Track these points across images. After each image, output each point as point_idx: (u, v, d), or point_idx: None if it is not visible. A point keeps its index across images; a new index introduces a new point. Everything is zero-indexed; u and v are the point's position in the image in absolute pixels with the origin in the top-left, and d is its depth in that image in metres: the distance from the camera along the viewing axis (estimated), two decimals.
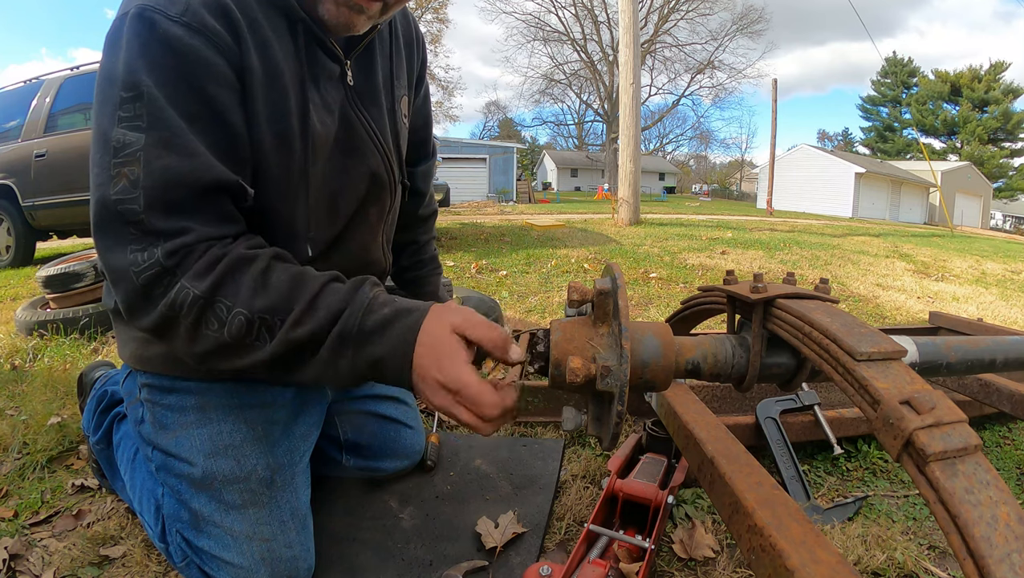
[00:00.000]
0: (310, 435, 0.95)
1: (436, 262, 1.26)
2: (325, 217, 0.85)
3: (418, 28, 1.06)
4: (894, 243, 7.36)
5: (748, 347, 0.69)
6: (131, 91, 0.63)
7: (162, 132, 0.63)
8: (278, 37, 0.73)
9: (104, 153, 0.63)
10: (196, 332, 0.64)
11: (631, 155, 8.58)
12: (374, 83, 0.90)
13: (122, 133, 0.63)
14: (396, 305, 0.65)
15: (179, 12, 0.64)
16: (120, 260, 0.63)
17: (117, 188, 0.62)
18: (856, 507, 1.12)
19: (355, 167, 0.87)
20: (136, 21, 0.63)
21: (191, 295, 0.63)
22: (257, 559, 0.81)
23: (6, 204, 4.68)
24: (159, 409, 0.86)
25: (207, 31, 0.65)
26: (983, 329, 1.68)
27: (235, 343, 0.64)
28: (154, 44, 0.63)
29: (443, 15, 21.83)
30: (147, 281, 0.63)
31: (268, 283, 0.65)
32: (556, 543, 1.01)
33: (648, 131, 37.01)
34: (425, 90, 1.13)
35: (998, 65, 33.62)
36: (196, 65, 0.65)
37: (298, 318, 0.63)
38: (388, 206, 0.97)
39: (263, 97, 0.72)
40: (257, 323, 0.63)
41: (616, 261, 4.25)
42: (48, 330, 2.24)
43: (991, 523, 0.42)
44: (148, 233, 0.63)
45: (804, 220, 14.39)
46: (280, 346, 0.64)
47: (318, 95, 0.80)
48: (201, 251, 0.64)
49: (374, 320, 0.64)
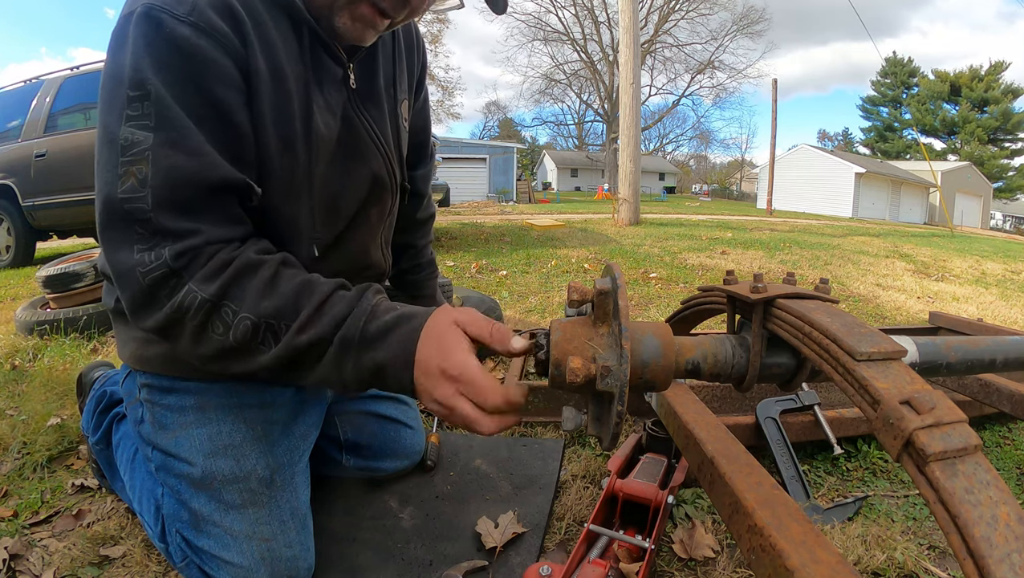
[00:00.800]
0: (310, 435, 0.95)
1: (433, 266, 1.27)
2: (327, 218, 0.85)
3: (419, 33, 1.06)
4: (894, 243, 7.37)
5: (748, 347, 0.69)
6: (138, 90, 0.63)
7: (170, 131, 0.63)
8: (283, 39, 0.74)
9: (111, 152, 0.63)
10: (201, 335, 0.64)
11: (631, 155, 8.58)
12: (376, 86, 0.90)
13: (130, 132, 0.63)
14: (398, 312, 0.66)
15: (186, 12, 0.64)
16: (127, 259, 0.63)
17: (125, 187, 0.62)
18: (856, 507, 1.12)
19: (357, 169, 0.87)
20: (143, 20, 0.63)
21: (198, 298, 0.63)
22: (257, 559, 0.81)
23: (6, 204, 4.68)
24: (158, 409, 0.86)
25: (214, 31, 0.65)
26: (983, 329, 1.68)
27: (240, 347, 0.64)
28: (161, 43, 0.63)
29: (443, 16, 21.83)
30: (153, 282, 0.63)
31: (276, 289, 0.65)
32: (556, 543, 1.01)
33: (648, 131, 37.08)
34: (425, 94, 1.14)
35: (998, 65, 33.63)
36: (203, 65, 0.65)
37: (303, 324, 0.64)
38: (389, 208, 0.98)
39: (268, 99, 0.72)
40: (263, 328, 0.64)
41: (616, 261, 4.25)
42: (48, 330, 2.24)
43: (991, 523, 0.42)
44: (156, 233, 0.63)
45: (804, 220, 14.40)
46: (284, 350, 0.64)
47: (322, 97, 0.80)
48: (209, 254, 0.65)
49: (376, 326, 0.64)
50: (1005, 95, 33.01)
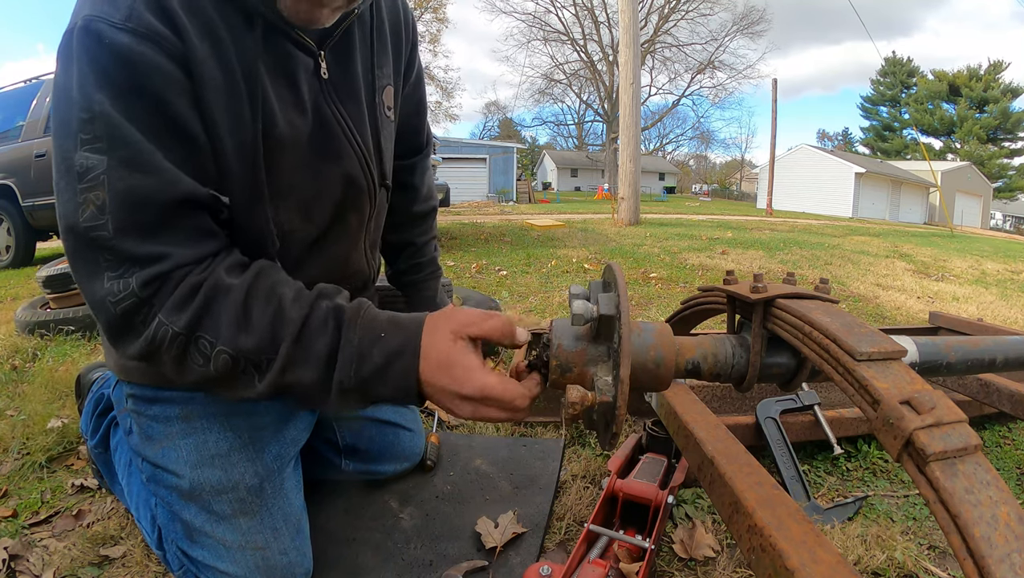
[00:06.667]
0: (300, 440, 0.93)
1: (435, 265, 1.19)
2: (299, 227, 0.80)
3: (407, 7, 0.97)
4: (894, 243, 7.36)
5: (748, 347, 0.69)
6: (87, 112, 0.59)
7: (122, 152, 0.60)
8: (233, 35, 0.68)
9: (69, 179, 0.60)
10: (182, 366, 0.63)
11: (631, 155, 8.58)
12: (352, 75, 0.82)
13: (84, 157, 0.59)
14: (386, 345, 0.62)
15: (123, 18, 0.60)
16: (97, 289, 0.61)
17: (86, 215, 0.59)
18: (856, 507, 1.12)
19: (329, 170, 0.81)
20: (83, 34, 0.60)
21: (170, 332, 0.61)
22: (252, 568, 0.80)
23: (6, 204, 4.68)
24: (144, 420, 0.84)
25: (155, 35, 0.61)
26: (983, 329, 1.68)
27: (223, 377, 0.63)
28: (103, 57, 0.59)
29: (442, 15, 21.81)
30: (124, 311, 0.61)
31: (249, 319, 0.62)
32: (556, 543, 1.01)
33: (648, 131, 37.05)
34: (417, 74, 1.04)
35: (997, 65, 33.64)
36: (147, 75, 0.61)
37: (287, 362, 0.61)
38: (369, 212, 0.91)
39: (220, 100, 0.67)
40: (243, 362, 0.62)
41: (616, 261, 4.24)
42: (48, 330, 2.24)
43: (991, 523, 0.42)
44: (124, 260, 0.60)
45: (804, 220, 14.39)
46: (272, 387, 0.62)
47: (288, 92, 0.74)
48: (177, 280, 0.62)
49: (368, 369, 0.62)
50: (1004, 94, 33.01)
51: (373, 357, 0.62)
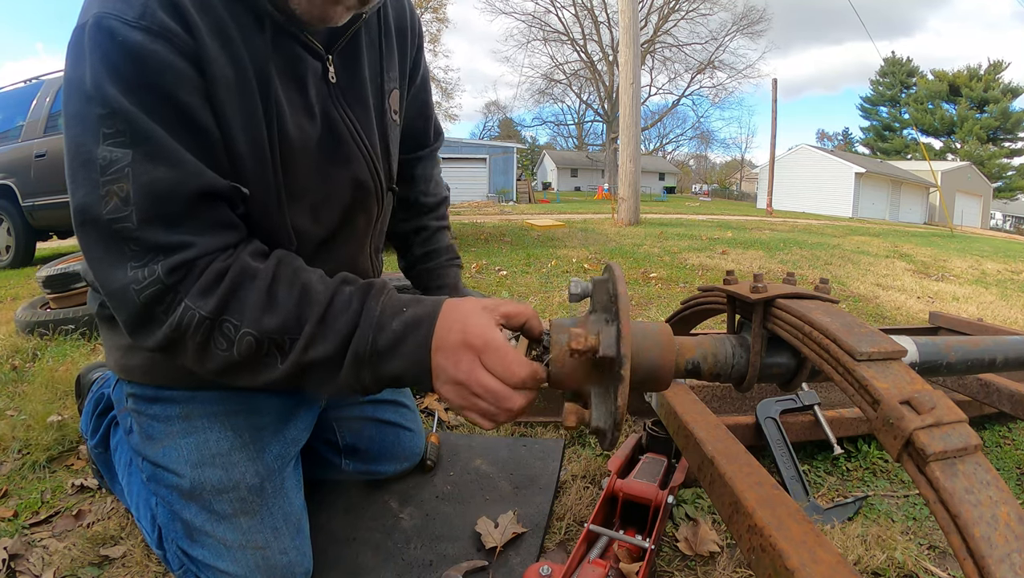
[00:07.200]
0: (300, 439, 0.93)
1: (453, 252, 1.15)
2: (309, 228, 0.80)
3: (413, 10, 0.97)
4: (894, 243, 7.36)
5: (748, 347, 0.69)
6: (106, 107, 0.60)
7: (145, 145, 0.61)
8: (244, 35, 0.68)
9: (89, 171, 0.61)
10: (205, 352, 0.63)
11: (631, 155, 8.58)
12: (360, 79, 0.83)
13: (108, 150, 0.60)
14: (405, 317, 0.63)
15: (136, 16, 0.60)
16: (120, 277, 0.61)
17: (109, 207, 0.60)
18: (856, 507, 1.12)
19: (338, 174, 0.82)
20: (95, 31, 0.60)
21: (196, 316, 0.61)
22: (252, 567, 0.80)
23: (6, 204, 4.69)
24: (144, 419, 0.84)
25: (168, 33, 0.62)
26: (983, 329, 1.68)
27: (246, 361, 0.63)
28: (115, 54, 0.60)
29: (442, 15, 21.78)
30: (148, 299, 0.61)
31: (275, 301, 0.63)
32: (556, 543, 1.01)
33: (648, 131, 37.10)
34: (423, 76, 1.05)
35: (997, 65, 33.65)
36: (160, 73, 0.62)
37: (309, 340, 0.62)
38: (376, 214, 0.92)
39: (234, 101, 0.67)
40: (267, 343, 0.62)
41: (616, 261, 4.24)
42: (48, 330, 2.24)
43: (991, 523, 0.42)
44: (148, 249, 0.61)
45: (804, 220, 14.39)
46: (294, 367, 0.63)
47: (297, 96, 0.75)
48: (203, 266, 0.63)
49: (385, 339, 0.62)
50: (1004, 94, 33.02)
51: (392, 326, 0.62)
